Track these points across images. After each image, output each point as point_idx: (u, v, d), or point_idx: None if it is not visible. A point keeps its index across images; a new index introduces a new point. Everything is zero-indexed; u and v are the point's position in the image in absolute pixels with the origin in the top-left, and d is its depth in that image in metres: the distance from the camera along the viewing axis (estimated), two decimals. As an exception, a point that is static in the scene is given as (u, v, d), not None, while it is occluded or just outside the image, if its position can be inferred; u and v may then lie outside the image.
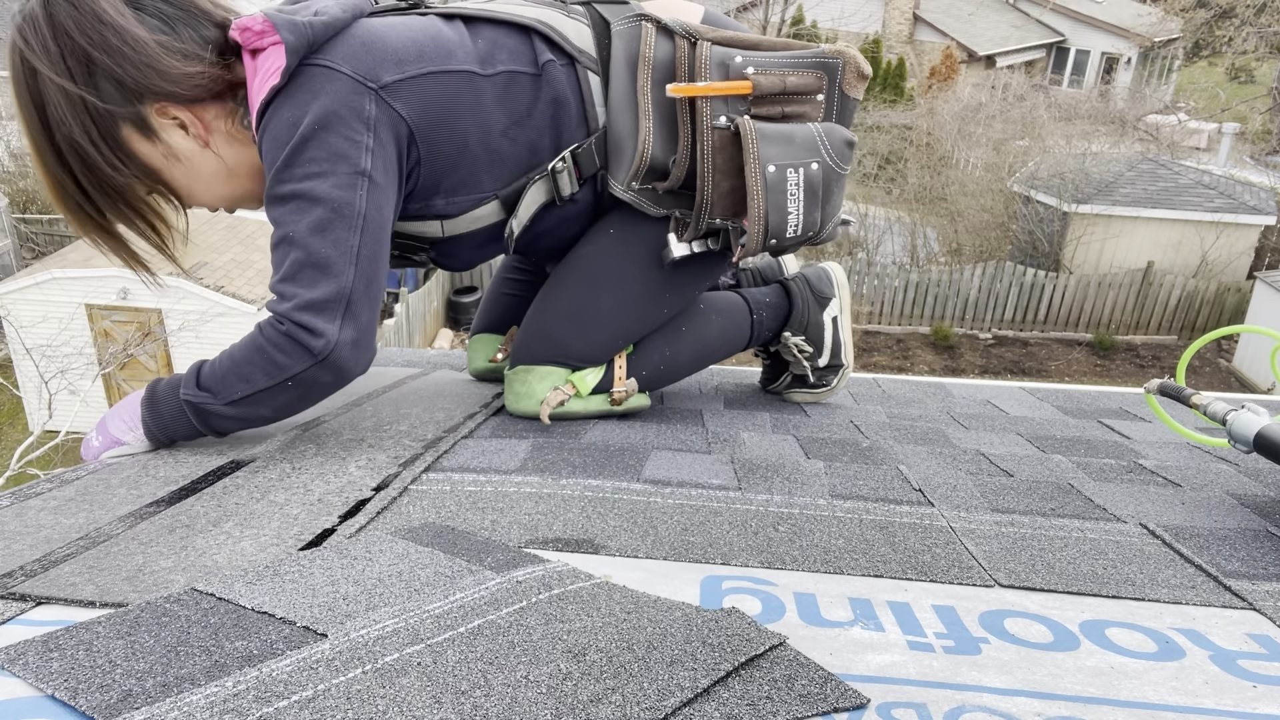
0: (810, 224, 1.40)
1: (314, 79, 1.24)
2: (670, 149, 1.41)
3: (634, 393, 1.60)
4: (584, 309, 1.54)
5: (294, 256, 1.23)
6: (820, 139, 1.39)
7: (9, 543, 0.94)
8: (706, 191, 1.40)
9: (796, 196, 1.36)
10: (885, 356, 12.72)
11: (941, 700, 0.74)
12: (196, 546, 0.95)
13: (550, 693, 0.69)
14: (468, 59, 1.34)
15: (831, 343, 1.80)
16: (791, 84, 1.39)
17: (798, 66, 1.41)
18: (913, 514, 1.16)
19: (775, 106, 1.39)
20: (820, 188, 1.38)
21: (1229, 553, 1.08)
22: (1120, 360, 12.90)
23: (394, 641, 0.75)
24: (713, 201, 1.41)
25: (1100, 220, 13.42)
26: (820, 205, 1.40)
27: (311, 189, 1.23)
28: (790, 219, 1.37)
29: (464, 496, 1.15)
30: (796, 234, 1.39)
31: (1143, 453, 1.59)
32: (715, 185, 1.39)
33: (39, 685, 0.68)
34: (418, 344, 11.13)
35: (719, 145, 1.37)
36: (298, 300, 1.23)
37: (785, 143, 1.36)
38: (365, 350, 1.29)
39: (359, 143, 1.24)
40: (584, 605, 0.83)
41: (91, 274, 8.70)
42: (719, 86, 1.36)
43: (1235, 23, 18.68)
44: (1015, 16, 25.71)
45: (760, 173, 1.34)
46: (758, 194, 1.34)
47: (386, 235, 1.31)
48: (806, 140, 1.38)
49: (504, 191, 1.42)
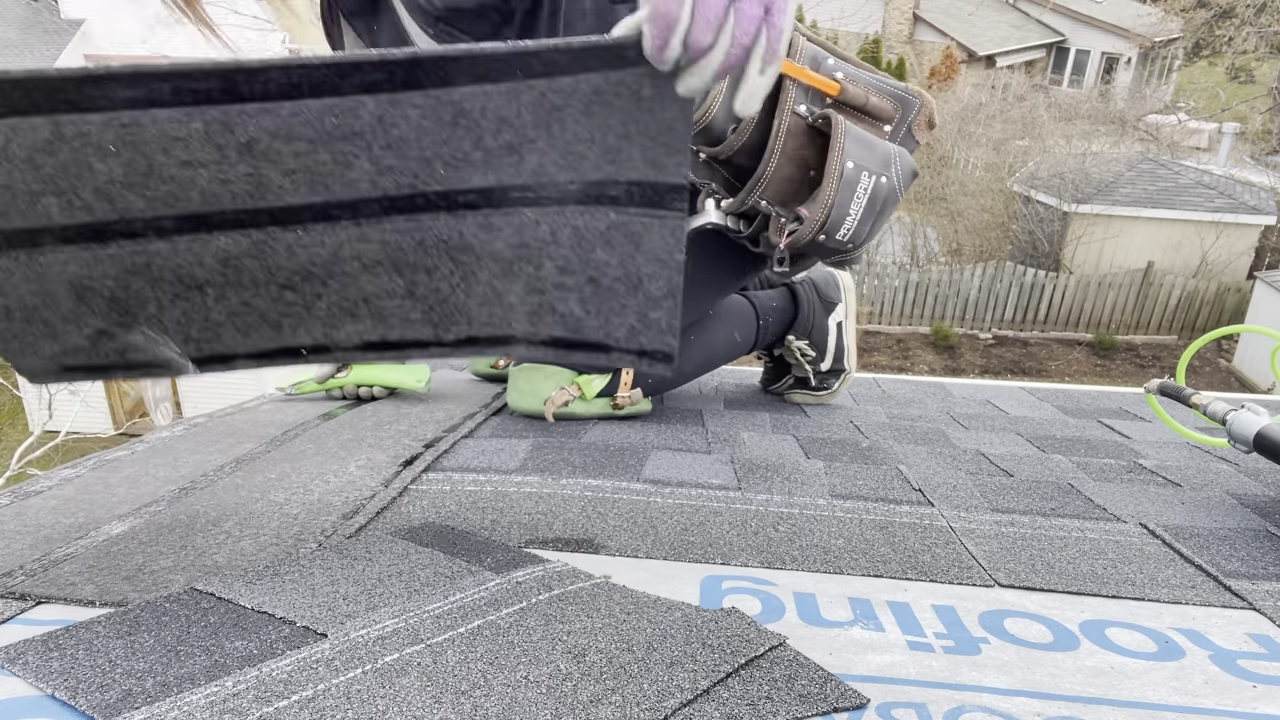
0: (859, 234, 1.39)
1: None
2: (734, 116, 1.37)
3: (638, 400, 1.60)
4: None
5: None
6: (895, 158, 1.39)
7: (9, 542, 0.94)
8: (769, 169, 1.38)
9: (861, 200, 1.36)
10: (885, 356, 12.72)
11: (941, 700, 0.74)
12: (196, 546, 0.95)
13: (550, 694, 0.69)
14: None
15: (835, 348, 1.80)
16: (872, 104, 1.39)
17: (881, 90, 1.41)
18: (913, 514, 1.17)
19: (850, 119, 1.39)
20: (881, 202, 1.38)
21: (1229, 553, 1.08)
22: (1120, 360, 12.90)
23: (394, 641, 0.75)
24: (770, 181, 1.39)
25: (1100, 220, 13.42)
26: (874, 219, 1.39)
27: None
28: (848, 220, 1.36)
29: (464, 496, 1.15)
30: (845, 237, 1.38)
31: (1143, 453, 1.59)
32: (778, 167, 1.37)
33: (39, 685, 0.68)
34: (418, 344, 11.11)
35: (793, 130, 1.36)
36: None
37: (868, 147, 1.36)
38: None
39: None
40: (584, 606, 0.83)
41: (91, 274, 8.69)
42: (810, 75, 1.34)
43: (1235, 23, 18.68)
44: (1015, 16, 25.71)
45: (840, 163, 1.33)
46: (834, 181, 1.33)
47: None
48: (884, 153, 1.38)
49: None
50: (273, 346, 0.86)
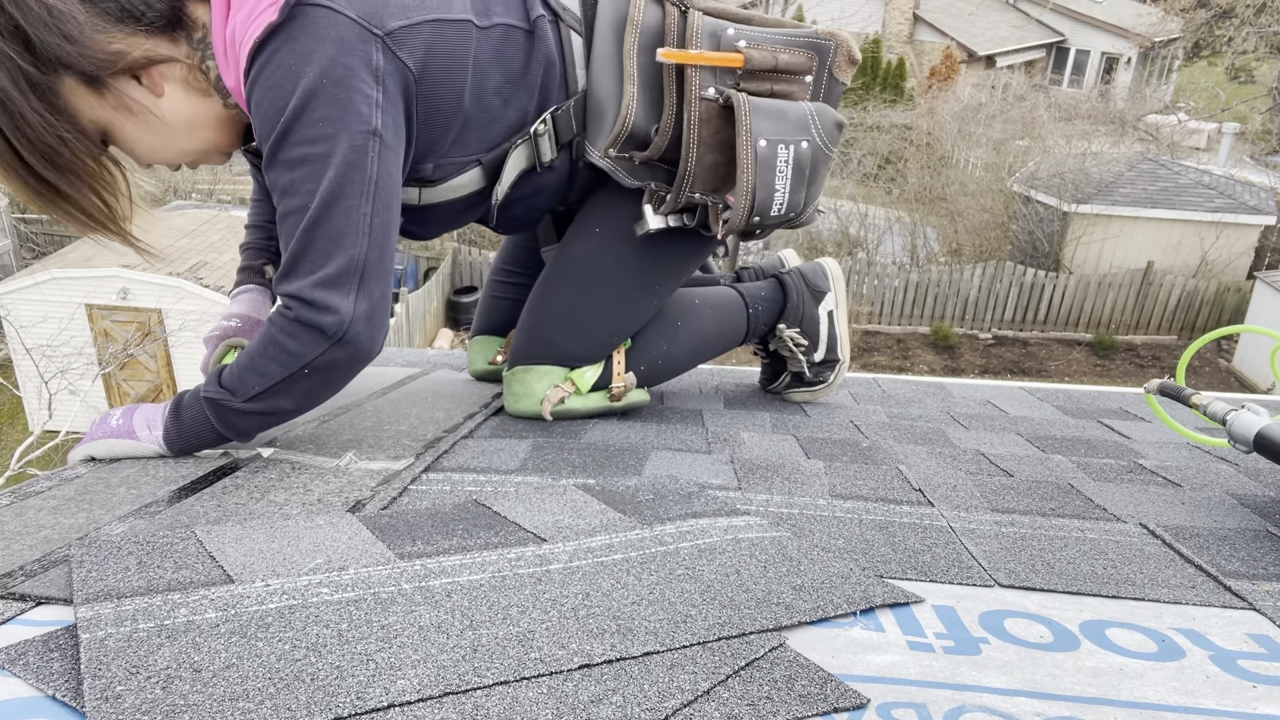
0: (795, 204, 1.38)
1: (316, 21, 1.12)
2: (653, 117, 1.38)
3: (633, 387, 1.60)
4: (577, 310, 1.53)
5: (304, 228, 1.16)
6: (812, 118, 1.36)
7: (9, 543, 0.94)
8: (690, 163, 1.37)
9: (785, 174, 1.34)
10: (885, 356, 12.71)
11: (941, 700, 0.74)
12: (196, 546, 0.95)
13: (551, 693, 0.69)
14: (465, 7, 1.26)
15: (827, 336, 1.80)
16: (783, 61, 1.36)
17: (790, 44, 1.38)
18: (913, 514, 1.16)
19: (764, 83, 1.36)
20: (808, 167, 1.36)
21: (1229, 553, 1.08)
22: (1120, 360, 12.90)
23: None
24: (695, 174, 1.38)
25: (1100, 220, 13.42)
26: (806, 186, 1.38)
27: (320, 153, 1.15)
28: (777, 196, 1.35)
29: (464, 496, 1.15)
30: (780, 212, 1.37)
31: (1143, 453, 1.59)
32: (699, 158, 1.37)
33: (39, 685, 0.68)
34: (418, 344, 11.13)
35: (706, 117, 1.34)
36: (311, 278, 1.17)
37: (778, 118, 1.33)
38: (380, 325, 1.23)
39: (370, 97, 1.15)
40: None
41: (91, 274, 8.70)
42: (711, 56, 1.32)
43: (1235, 23, 18.67)
44: (1015, 16, 25.71)
45: (751, 146, 1.31)
46: (747, 168, 1.31)
47: (398, 200, 1.24)
48: (799, 118, 1.35)
49: (488, 157, 1.36)
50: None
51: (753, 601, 0.86)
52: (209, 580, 0.83)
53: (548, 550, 0.95)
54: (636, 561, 0.93)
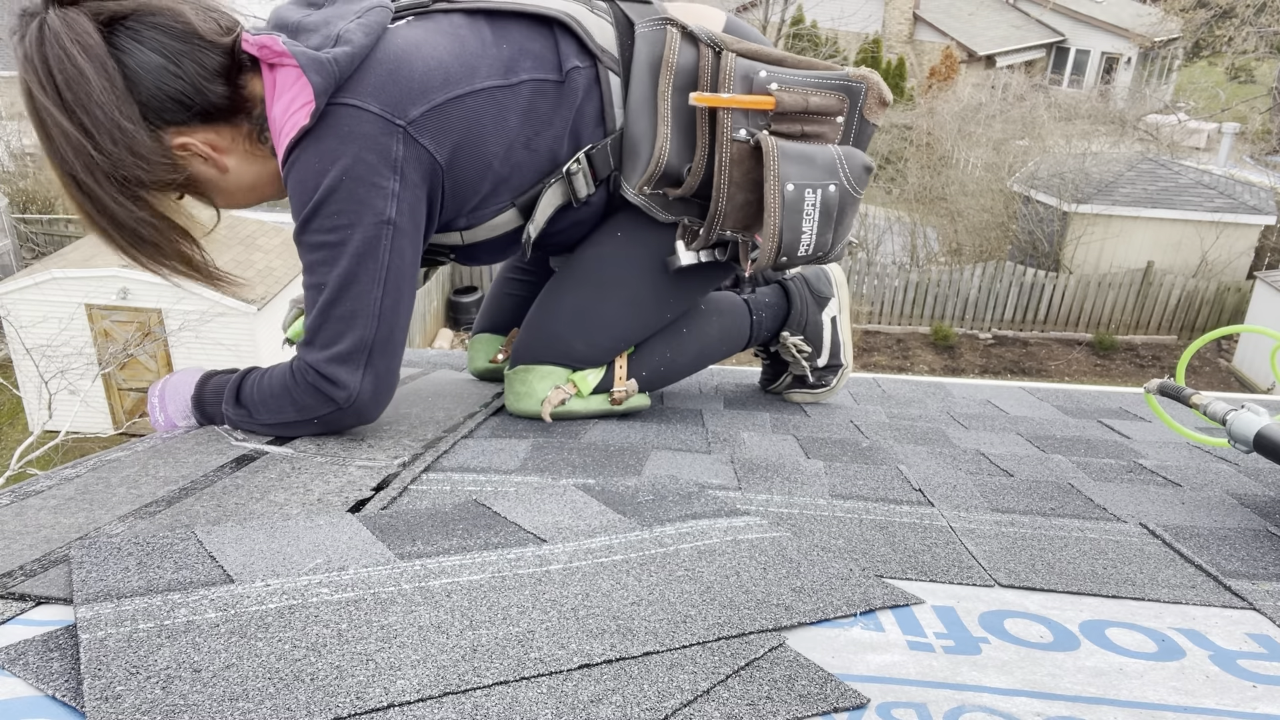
0: (821, 244, 1.40)
1: (341, 121, 1.21)
2: (686, 157, 1.40)
3: (634, 393, 1.60)
4: (589, 312, 1.54)
5: (320, 307, 1.28)
6: (840, 162, 1.39)
7: (9, 542, 0.94)
8: (721, 203, 1.40)
9: (812, 217, 1.37)
10: (885, 356, 12.72)
11: (941, 700, 0.74)
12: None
13: (550, 693, 0.69)
14: (491, 72, 1.31)
15: (830, 342, 1.80)
16: (814, 104, 1.39)
17: (821, 87, 1.40)
18: (913, 514, 1.16)
19: (795, 125, 1.39)
20: (835, 210, 1.39)
21: (1229, 553, 1.08)
22: (1120, 360, 12.90)
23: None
24: (726, 213, 1.41)
25: (1100, 220, 13.42)
26: (833, 227, 1.40)
27: (337, 241, 1.25)
28: (804, 239, 1.38)
29: (464, 496, 1.15)
30: (807, 253, 1.40)
31: (1143, 453, 1.59)
32: (730, 197, 1.39)
33: (39, 685, 0.68)
34: (418, 344, 11.13)
35: (737, 158, 1.37)
36: (325, 354, 1.29)
37: (805, 163, 1.36)
38: (384, 395, 1.36)
39: (385, 189, 1.24)
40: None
41: (91, 274, 8.69)
42: (742, 99, 1.35)
43: (1235, 22, 18.68)
44: (1015, 16, 25.71)
45: (779, 190, 1.33)
46: (775, 211, 1.34)
47: (410, 279, 1.33)
48: (826, 162, 1.38)
49: (521, 200, 1.42)
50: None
51: (752, 603, 0.86)
52: (209, 580, 0.83)
53: (547, 551, 0.95)
54: (636, 563, 0.93)
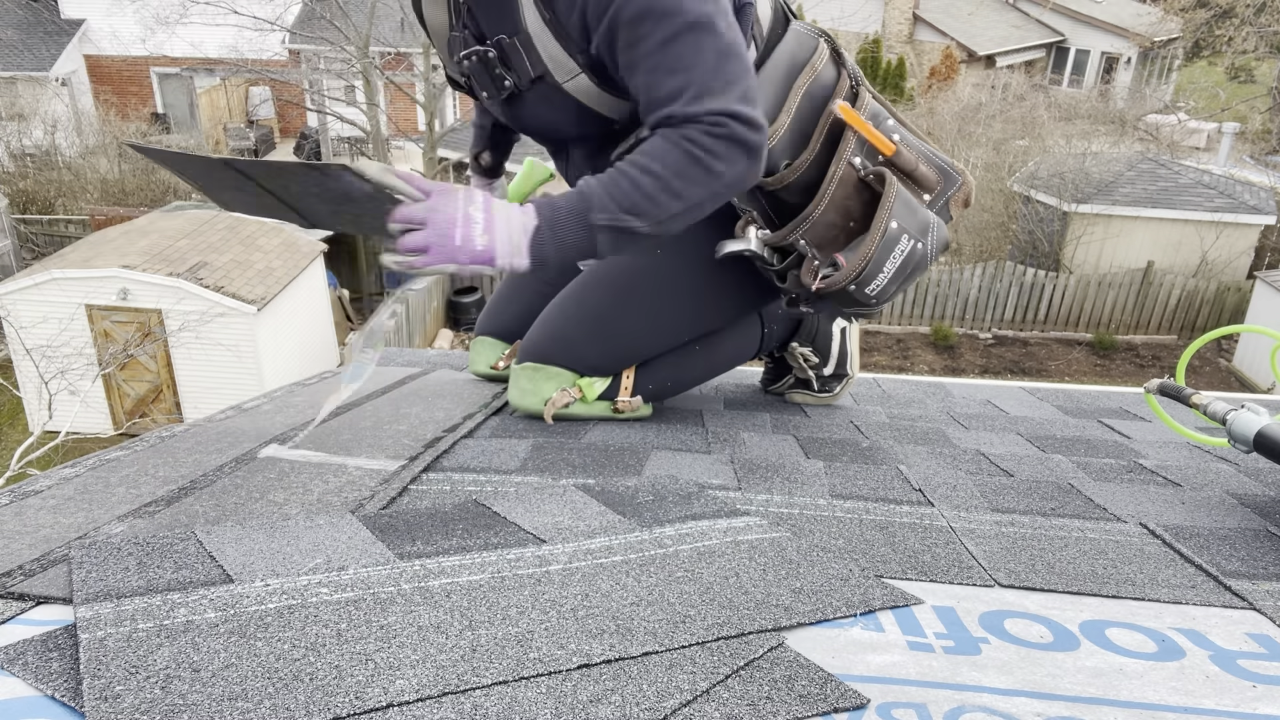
0: (886, 292, 1.42)
1: None
2: (788, 153, 1.41)
3: (638, 408, 1.60)
4: (609, 321, 1.53)
5: (710, 44, 1.17)
6: (933, 227, 1.42)
7: (9, 542, 0.94)
8: (817, 210, 1.40)
9: (896, 261, 1.38)
10: (885, 356, 12.71)
11: (941, 700, 0.74)
12: (196, 546, 0.95)
13: (550, 693, 0.69)
14: None
15: (838, 353, 1.80)
16: (920, 172, 1.42)
17: (930, 161, 1.45)
18: (913, 514, 1.16)
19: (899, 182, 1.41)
20: (912, 266, 1.40)
21: (1229, 552, 1.08)
22: (1120, 360, 12.89)
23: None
24: (814, 222, 1.41)
25: (1100, 220, 13.41)
26: (902, 281, 1.41)
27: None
28: (880, 277, 1.39)
29: (464, 496, 1.15)
30: (873, 293, 1.41)
31: (1143, 453, 1.59)
32: (824, 211, 1.40)
33: (38, 685, 0.68)
34: (418, 344, 11.12)
35: (845, 180, 1.39)
36: (734, 92, 1.17)
37: (912, 212, 1.39)
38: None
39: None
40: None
41: (91, 274, 8.68)
42: (873, 131, 1.38)
43: (1235, 22, 18.67)
44: (1015, 16, 25.71)
45: (885, 222, 1.36)
46: (875, 241, 1.35)
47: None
48: (925, 220, 1.41)
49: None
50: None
51: (752, 603, 0.86)
52: (208, 580, 0.83)
53: (547, 551, 0.95)
54: (636, 563, 0.93)
